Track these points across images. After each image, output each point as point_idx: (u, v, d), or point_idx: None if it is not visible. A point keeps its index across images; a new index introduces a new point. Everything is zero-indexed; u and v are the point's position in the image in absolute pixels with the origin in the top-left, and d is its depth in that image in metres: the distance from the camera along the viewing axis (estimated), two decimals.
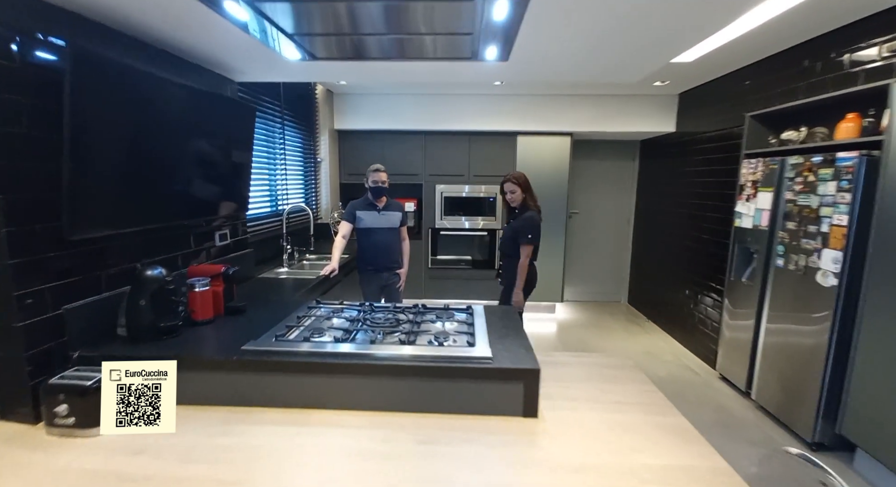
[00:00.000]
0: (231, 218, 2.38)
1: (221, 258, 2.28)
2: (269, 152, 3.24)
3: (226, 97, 2.21)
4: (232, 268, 1.84)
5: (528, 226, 2.74)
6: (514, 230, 2.77)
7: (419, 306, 1.98)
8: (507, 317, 1.91)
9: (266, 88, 3.09)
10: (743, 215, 3.06)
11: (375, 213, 2.95)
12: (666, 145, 4.39)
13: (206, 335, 1.61)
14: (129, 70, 1.53)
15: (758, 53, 3.01)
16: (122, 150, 1.52)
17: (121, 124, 1.50)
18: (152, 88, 1.62)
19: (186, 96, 1.80)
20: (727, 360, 3.22)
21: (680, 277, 4.04)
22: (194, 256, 2.08)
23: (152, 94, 1.62)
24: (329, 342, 1.53)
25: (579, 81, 2.67)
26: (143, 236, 1.74)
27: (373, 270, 3.01)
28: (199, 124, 1.90)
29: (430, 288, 4.65)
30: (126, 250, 1.66)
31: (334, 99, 4.34)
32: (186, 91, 1.80)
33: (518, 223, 2.76)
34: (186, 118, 1.82)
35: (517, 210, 2.83)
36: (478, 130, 4.37)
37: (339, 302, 2.01)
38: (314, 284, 2.49)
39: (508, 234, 2.84)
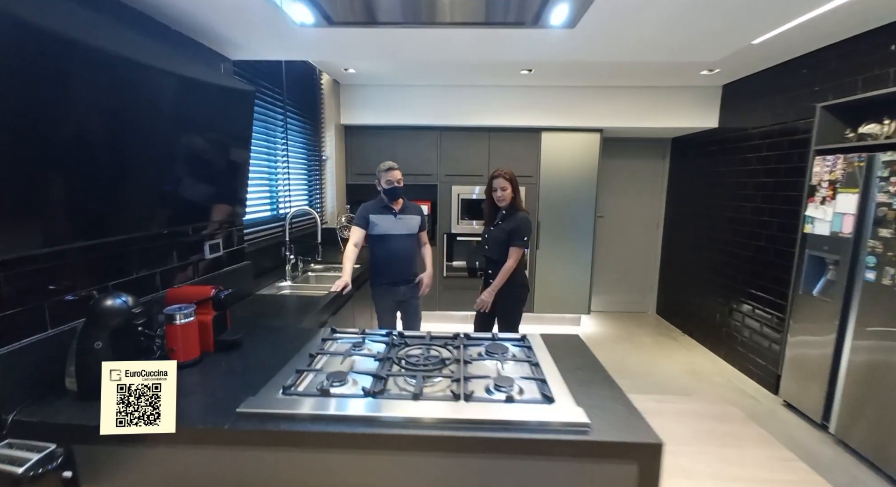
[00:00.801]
0: (225, 225, 1.97)
1: (213, 274, 1.87)
2: (270, 148, 2.84)
3: (218, 75, 1.80)
4: (224, 291, 1.43)
5: (524, 227, 2.52)
6: (506, 232, 2.51)
7: (461, 336, 1.58)
8: (576, 349, 1.51)
9: (267, 72, 2.69)
10: (816, 220, 2.67)
11: (392, 217, 2.55)
12: (704, 143, 4.01)
13: (189, 385, 1.20)
14: (72, 36, 1.12)
15: (831, 37, 2.63)
16: (68, 140, 1.11)
17: (64, 108, 1.09)
18: (116, 62, 1.21)
19: (164, 73, 1.39)
20: (794, 385, 2.82)
21: (723, 287, 3.65)
22: (178, 273, 1.67)
23: (117, 69, 1.21)
24: (355, 398, 1.12)
25: (649, 61, 2.29)
26: (106, 252, 1.33)
27: (388, 283, 2.60)
28: (183, 109, 1.50)
29: (445, 299, 4.25)
30: (82, 271, 1.25)
31: (341, 91, 3.94)
32: (163, 64, 1.39)
33: (511, 224, 2.51)
34: (166, 102, 1.41)
35: (504, 211, 2.56)
36: (498, 126, 3.98)
37: (359, 332, 1.60)
38: (325, 303, 2.08)
39: (498, 237, 2.54)
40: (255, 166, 2.62)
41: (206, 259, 1.82)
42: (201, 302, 1.37)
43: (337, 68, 3.40)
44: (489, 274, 2.64)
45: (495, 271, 2.58)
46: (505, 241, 2.52)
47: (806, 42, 2.72)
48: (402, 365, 1.30)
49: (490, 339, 1.61)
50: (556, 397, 1.13)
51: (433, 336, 1.59)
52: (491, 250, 2.59)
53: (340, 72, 3.49)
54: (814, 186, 2.68)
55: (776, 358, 3.01)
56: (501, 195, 2.50)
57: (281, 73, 2.87)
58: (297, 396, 1.13)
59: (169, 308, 1.27)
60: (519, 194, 2.58)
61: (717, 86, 3.73)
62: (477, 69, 3.42)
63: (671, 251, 4.64)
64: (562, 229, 4.17)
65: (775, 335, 3.04)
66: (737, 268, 3.46)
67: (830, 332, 2.54)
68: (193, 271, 1.75)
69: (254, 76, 2.51)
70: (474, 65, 3.26)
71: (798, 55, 2.93)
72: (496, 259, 2.56)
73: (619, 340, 4.10)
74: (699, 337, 4.00)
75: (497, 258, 2.56)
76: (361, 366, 1.35)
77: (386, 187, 2.51)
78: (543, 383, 1.21)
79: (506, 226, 2.53)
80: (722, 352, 3.63)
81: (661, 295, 4.85)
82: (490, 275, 2.63)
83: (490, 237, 2.59)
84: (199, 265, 1.79)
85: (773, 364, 3.04)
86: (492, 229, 2.60)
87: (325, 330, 1.63)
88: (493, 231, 2.58)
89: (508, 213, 2.55)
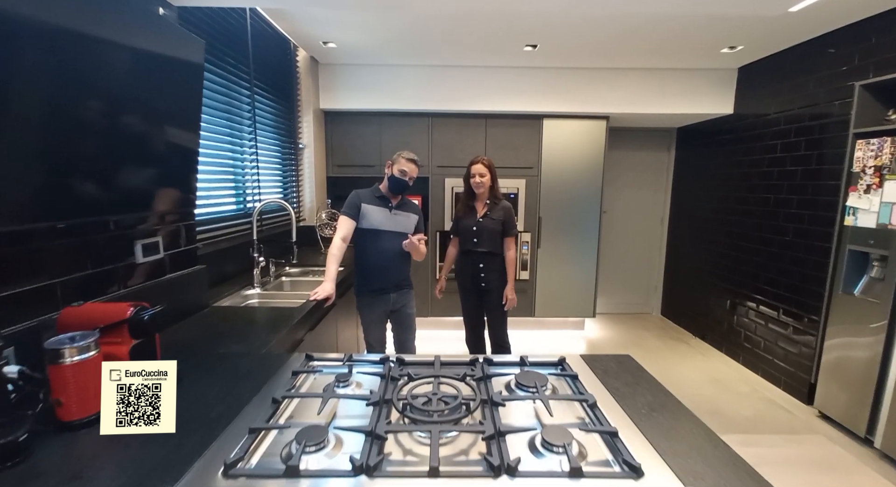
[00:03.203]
0: (167, 219, 1.53)
1: (149, 284, 1.43)
2: (235, 131, 2.39)
3: (150, 14, 1.36)
4: (148, 310, 1.00)
5: (513, 216, 2.53)
6: (501, 223, 2.48)
7: (480, 361, 1.19)
8: (635, 377, 1.14)
9: (228, 40, 2.24)
10: (859, 211, 2.38)
11: (386, 210, 2.14)
12: (716, 132, 3.73)
13: (81, 460, 0.78)
14: None
15: (869, 8, 2.35)
16: None
17: None
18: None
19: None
20: (832, 394, 2.53)
21: (740, 286, 3.36)
22: (92, 284, 1.23)
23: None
24: (339, 477, 0.72)
25: (714, 11, 1.96)
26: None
27: (376, 290, 2.19)
28: (90, 52, 1.06)
29: (438, 304, 3.84)
30: None
31: (320, 71, 3.50)
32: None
33: (502, 214, 2.48)
34: (61, 40, 0.98)
35: (489, 201, 2.49)
36: (496, 112, 3.61)
37: (344, 359, 1.19)
38: (300, 317, 1.66)
39: (493, 228, 2.47)
40: (214, 150, 2.18)
41: (139, 263, 1.38)
42: (111, 327, 0.95)
43: (314, 41, 2.96)
44: (481, 268, 2.50)
45: (489, 265, 2.50)
46: (500, 232, 2.47)
47: (841, 15, 2.43)
48: (406, 413, 0.90)
49: (519, 363, 1.23)
50: (641, 461, 0.76)
51: (444, 362, 1.20)
52: (483, 243, 2.48)
53: (319, 46, 3.05)
54: (856, 173, 2.39)
55: (808, 365, 2.73)
56: (480, 182, 2.41)
57: (247, 44, 2.42)
58: (248, 478, 0.72)
59: (53, 340, 0.85)
60: (497, 182, 2.49)
61: (733, 68, 3.44)
62: (474, 47, 3.04)
63: (677, 248, 4.36)
64: (565, 226, 3.83)
65: (807, 339, 2.75)
66: (759, 266, 3.18)
67: (876, 335, 2.26)
68: (119, 280, 1.31)
69: (211, 43, 2.06)
70: (473, 40, 2.88)
71: (828, 31, 2.65)
72: (488, 251, 2.48)
73: (627, 345, 3.78)
74: (714, 341, 3.71)
75: (490, 250, 2.48)
76: (348, 413, 0.95)
77: (396, 174, 2.11)
78: (614, 437, 0.83)
79: (497, 216, 2.47)
80: (741, 357, 3.35)
81: (666, 295, 4.57)
82: (482, 269, 2.50)
83: (481, 229, 2.47)
84: (128, 272, 1.35)
85: (805, 371, 2.76)
86: (480, 220, 2.48)
87: (297, 357, 1.21)
88: (484, 223, 2.47)
89: (493, 202, 2.48)
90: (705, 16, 2.42)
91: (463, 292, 2.62)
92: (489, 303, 2.56)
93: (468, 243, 2.50)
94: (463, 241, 2.54)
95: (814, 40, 2.77)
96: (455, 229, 2.61)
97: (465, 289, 2.61)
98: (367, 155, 3.65)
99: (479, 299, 2.58)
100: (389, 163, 2.14)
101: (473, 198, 2.50)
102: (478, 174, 2.41)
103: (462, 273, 2.58)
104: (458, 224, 2.55)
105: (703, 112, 3.56)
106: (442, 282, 2.69)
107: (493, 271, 2.50)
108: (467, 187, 2.49)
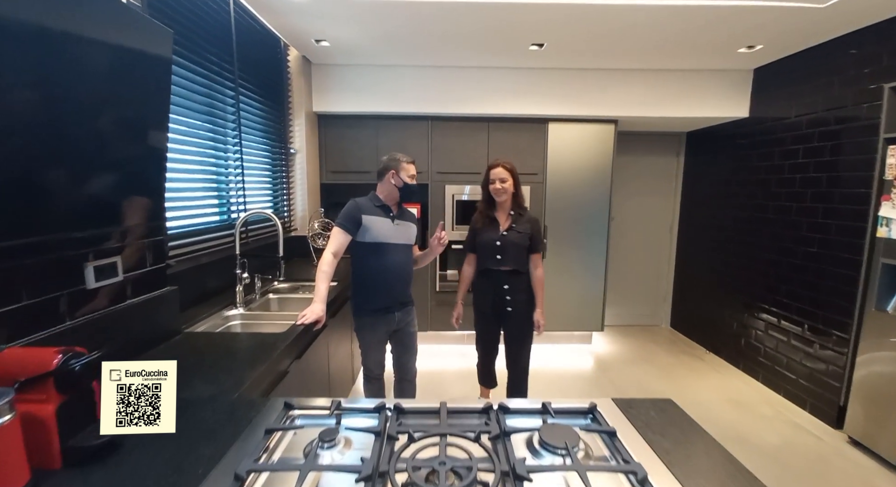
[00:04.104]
0: (131, 233, 1.33)
1: (102, 313, 1.22)
2: (219, 136, 2.20)
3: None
4: (81, 359, 0.80)
5: (540, 229, 2.23)
6: (528, 237, 2.15)
7: (495, 410, 0.99)
8: (685, 432, 0.94)
9: (209, 36, 2.05)
10: (893, 222, 2.21)
11: (389, 221, 1.95)
12: (730, 135, 3.56)
13: None
14: None
15: None
16: None
17: None
18: None
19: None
20: (864, 419, 2.34)
21: (758, 300, 3.18)
22: (27, 321, 1.02)
23: None
24: None
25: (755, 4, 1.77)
26: None
27: (380, 310, 1.98)
28: (28, 49, 0.87)
29: (438, 317, 3.65)
30: None
31: (313, 71, 3.31)
32: None
33: (530, 227, 2.16)
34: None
35: (513, 212, 2.17)
36: (499, 115, 3.42)
37: (331, 407, 0.99)
38: (285, 345, 1.45)
39: (520, 243, 2.14)
40: (194, 156, 1.98)
41: (90, 289, 1.17)
42: (32, 381, 0.74)
43: (306, 39, 2.77)
44: (506, 290, 2.15)
45: (515, 285, 2.16)
46: (527, 247, 2.15)
47: (872, 11, 2.26)
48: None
49: (541, 411, 1.02)
50: None
51: (451, 410, 0.99)
52: (507, 260, 2.14)
53: (311, 45, 2.86)
54: (889, 181, 2.22)
55: (836, 385, 2.54)
56: (500, 188, 2.09)
57: (230, 39, 2.23)
58: None
59: None
60: (521, 189, 2.17)
61: (748, 70, 3.28)
62: (476, 46, 2.86)
63: (687, 258, 4.17)
64: (571, 235, 3.64)
65: (835, 358, 2.56)
66: (780, 277, 2.99)
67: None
68: (64, 311, 1.10)
69: (191, 37, 1.86)
70: (475, 38, 2.70)
71: (853, 30, 2.48)
72: (513, 270, 2.15)
73: (638, 360, 3.58)
74: (728, 356, 3.51)
75: (515, 268, 2.15)
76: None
77: (409, 181, 1.93)
78: None
79: (523, 229, 2.15)
80: (760, 375, 3.15)
81: (675, 307, 4.38)
82: (508, 290, 2.15)
83: (506, 245, 2.13)
84: (77, 301, 1.14)
85: (833, 393, 2.56)
86: (505, 234, 2.14)
87: (274, 405, 1.01)
88: (510, 237, 2.13)
89: (518, 213, 2.17)
90: (731, 8, 2.24)
91: (481, 317, 2.28)
92: (513, 329, 2.24)
93: (489, 260, 2.15)
94: (483, 258, 2.18)
95: (837, 40, 2.60)
96: (471, 245, 2.25)
97: (483, 314, 2.26)
98: (364, 160, 3.46)
99: (498, 324, 2.25)
100: (393, 172, 1.93)
101: (493, 208, 2.17)
102: (498, 180, 2.08)
103: (481, 296, 2.23)
104: (477, 238, 2.19)
105: (718, 115, 3.39)
106: (460, 308, 2.33)
107: (520, 292, 2.17)
108: (486, 194, 2.17)
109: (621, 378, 3.22)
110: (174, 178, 1.86)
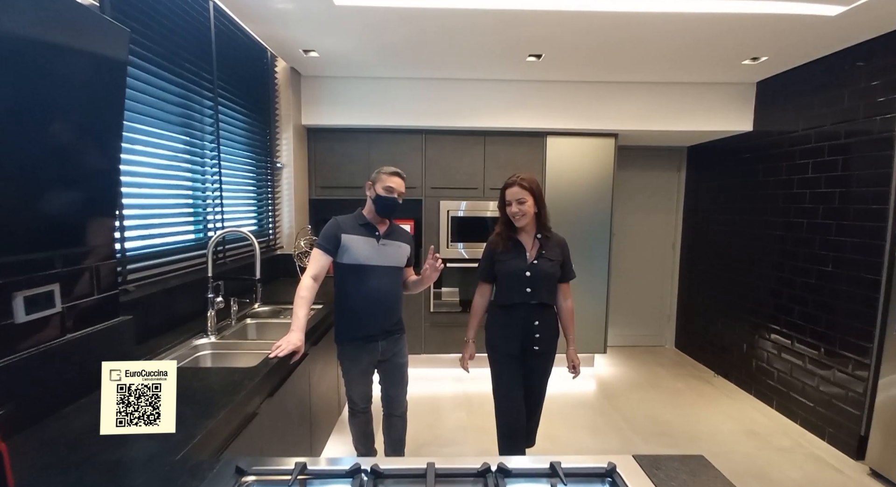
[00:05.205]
0: (75, 256, 1.16)
1: (34, 351, 1.04)
2: (196, 149, 2.04)
3: None
4: None
5: (569, 254, 1.92)
6: (559, 265, 1.85)
7: (493, 473, 0.81)
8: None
9: (184, 43, 1.92)
10: None
11: (373, 241, 1.78)
12: (733, 150, 3.45)
13: None
14: None
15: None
16: None
17: None
18: None
19: None
20: (887, 449, 2.17)
21: (769, 320, 3.02)
22: None
23: None
24: None
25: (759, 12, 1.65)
26: None
27: (362, 338, 1.81)
28: None
29: (433, 340, 3.45)
30: None
31: (302, 84, 3.19)
32: None
33: (561, 252, 1.87)
34: None
35: (540, 235, 1.84)
36: (496, 129, 3.31)
37: (292, 473, 0.81)
38: (254, 383, 1.27)
39: (551, 272, 1.83)
40: (164, 170, 1.82)
41: (17, 324, 0.99)
42: None
43: (293, 49, 2.66)
44: (536, 327, 1.82)
45: (545, 321, 1.85)
46: (558, 276, 1.86)
47: (889, 19, 2.18)
48: None
49: (548, 473, 0.85)
50: None
51: (440, 473, 0.82)
52: (539, 293, 1.81)
53: (299, 55, 2.74)
54: None
55: (857, 414, 2.36)
56: (518, 210, 1.76)
57: (209, 47, 2.10)
58: None
59: None
60: (545, 208, 1.82)
61: (751, 83, 3.19)
62: (472, 57, 2.75)
63: (691, 276, 4.02)
64: (572, 252, 3.42)
65: (854, 383, 2.39)
66: (792, 298, 2.84)
67: None
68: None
69: (164, 44, 1.73)
70: (471, 49, 2.59)
71: (863, 40, 2.40)
72: (543, 303, 1.83)
73: (644, 385, 3.39)
74: (739, 380, 3.33)
75: (545, 301, 1.84)
76: None
77: (382, 193, 1.74)
78: None
79: (554, 256, 1.84)
80: (774, 402, 2.97)
81: (680, 327, 4.21)
82: (538, 327, 1.82)
83: (538, 275, 1.80)
84: (1, 338, 0.96)
85: (853, 421, 2.39)
86: (535, 263, 1.80)
87: (223, 472, 0.82)
88: (541, 265, 1.80)
89: (545, 236, 1.84)
90: (741, 19, 2.15)
91: (505, 360, 1.86)
92: (536, 369, 1.88)
93: (516, 293, 1.81)
94: (507, 290, 1.84)
95: (845, 51, 2.52)
96: (488, 273, 1.90)
97: (508, 356, 1.85)
98: (355, 175, 3.32)
99: (522, 367, 1.88)
100: (370, 183, 1.79)
101: (514, 229, 1.83)
102: (515, 201, 1.75)
103: (505, 334, 1.85)
104: (498, 266, 1.84)
105: (720, 129, 3.29)
106: (472, 348, 1.97)
107: (550, 328, 1.87)
108: (504, 216, 1.84)
109: (629, 407, 3.02)
110: (140, 193, 1.70)
